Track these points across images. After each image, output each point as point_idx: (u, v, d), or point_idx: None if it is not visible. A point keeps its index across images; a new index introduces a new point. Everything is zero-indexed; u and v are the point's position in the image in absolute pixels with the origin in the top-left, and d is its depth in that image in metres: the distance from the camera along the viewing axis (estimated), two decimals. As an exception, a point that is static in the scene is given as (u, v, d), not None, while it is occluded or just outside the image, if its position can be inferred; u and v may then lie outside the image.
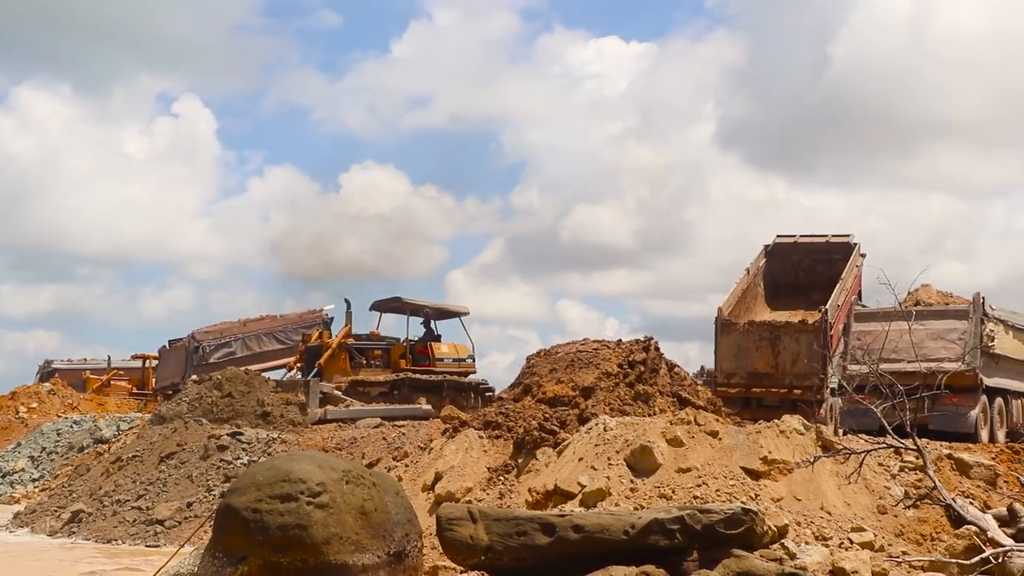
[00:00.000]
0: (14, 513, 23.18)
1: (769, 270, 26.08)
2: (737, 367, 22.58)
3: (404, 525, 14.61)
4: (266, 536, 13.58)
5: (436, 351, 30.64)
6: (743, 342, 22.55)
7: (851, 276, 24.13)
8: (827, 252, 25.70)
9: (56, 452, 31.08)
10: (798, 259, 26.26)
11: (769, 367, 22.25)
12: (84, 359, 52.15)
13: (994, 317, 22.26)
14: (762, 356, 22.32)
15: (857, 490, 15.53)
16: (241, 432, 22.16)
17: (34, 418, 37.19)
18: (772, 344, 22.24)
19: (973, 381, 21.28)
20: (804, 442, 16.44)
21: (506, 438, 17.92)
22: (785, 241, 26.57)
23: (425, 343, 30.90)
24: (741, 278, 24.60)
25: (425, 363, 30.26)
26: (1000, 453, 18.31)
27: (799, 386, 21.35)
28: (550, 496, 16.04)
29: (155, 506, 19.83)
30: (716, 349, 22.98)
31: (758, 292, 25.40)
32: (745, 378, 22.58)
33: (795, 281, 25.52)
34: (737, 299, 23.81)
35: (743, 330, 22.60)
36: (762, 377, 22.42)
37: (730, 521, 13.06)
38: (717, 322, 22.81)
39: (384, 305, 31.85)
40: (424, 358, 30.44)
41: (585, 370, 19.66)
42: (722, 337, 22.73)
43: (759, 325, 22.78)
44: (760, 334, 22.42)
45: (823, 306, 22.03)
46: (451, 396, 29.42)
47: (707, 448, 16.27)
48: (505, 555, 13.35)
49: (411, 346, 30.75)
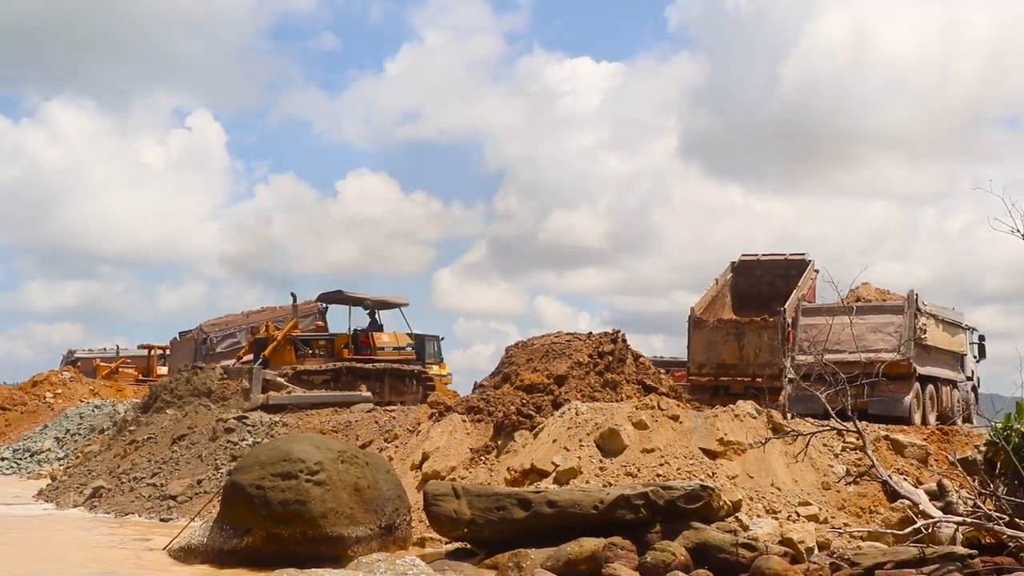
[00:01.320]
0: (39, 489, 23.05)
1: (735, 283, 26.62)
2: (707, 359, 23.34)
3: (394, 501, 14.62)
4: (269, 510, 13.57)
5: (377, 340, 29.91)
6: (712, 337, 23.29)
7: (806, 286, 24.75)
8: (786, 268, 26.19)
9: (79, 433, 30.93)
10: (760, 274, 26.77)
11: (735, 359, 23.02)
12: (104, 349, 51.86)
13: (926, 312, 22.33)
14: (729, 349, 23.09)
15: (804, 468, 15.56)
16: (246, 416, 22.07)
17: (59, 402, 37.01)
18: (738, 339, 23.00)
19: (907, 370, 21.34)
20: (756, 425, 16.48)
21: (487, 422, 17.89)
22: (749, 259, 27.15)
23: (367, 333, 30.20)
24: (711, 287, 25.30)
25: (367, 352, 29.48)
26: (931, 435, 18.34)
27: (761, 375, 21.76)
28: (527, 474, 16.03)
29: (168, 483, 19.73)
30: (688, 343, 23.73)
31: (725, 302, 25.98)
32: (714, 368, 23.35)
33: (758, 293, 25.98)
34: (707, 304, 24.51)
35: (712, 327, 23.38)
36: (729, 368, 23.19)
37: (690, 497, 13.10)
38: (690, 320, 23.58)
39: (328, 298, 31.54)
40: (366, 348, 29.69)
41: (559, 360, 19.63)
42: (694, 333, 23.47)
43: (726, 322, 23.60)
44: (727, 330, 23.25)
45: (782, 307, 22.61)
46: (391, 383, 28.93)
47: (669, 431, 16.29)
48: (486, 528, 13.35)
49: (354, 336, 30.02)
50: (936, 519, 12.63)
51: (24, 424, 35.05)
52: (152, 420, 23.87)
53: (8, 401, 37.76)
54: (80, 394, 38.91)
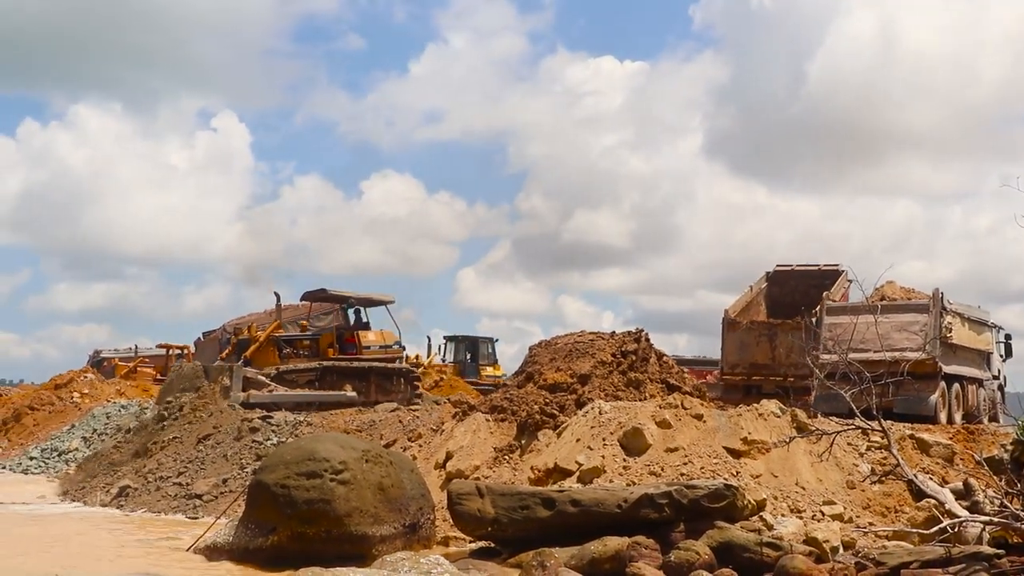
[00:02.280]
0: (64, 490, 23.15)
1: (769, 292, 27.00)
2: (740, 359, 23.81)
3: (418, 500, 14.63)
4: (294, 509, 13.62)
5: (362, 339, 29.63)
6: (745, 338, 23.78)
7: (839, 294, 24.93)
8: (820, 278, 26.42)
9: (106, 433, 31.08)
10: (795, 284, 27.05)
11: (767, 359, 23.47)
12: (128, 349, 52.09)
13: (952, 311, 22.23)
14: (761, 350, 23.56)
15: (828, 467, 15.49)
16: (271, 416, 22.15)
17: (86, 402, 37.21)
18: (770, 340, 23.47)
19: (933, 368, 21.25)
20: (780, 424, 16.42)
21: (510, 421, 17.89)
22: (784, 269, 27.63)
23: (353, 332, 29.92)
24: (745, 292, 25.70)
25: (352, 351, 29.24)
26: (957, 433, 18.25)
27: (792, 375, 21.84)
28: (550, 473, 16.02)
29: (194, 482, 19.82)
30: (722, 344, 24.14)
31: (760, 309, 26.37)
32: (747, 368, 23.80)
33: (792, 302, 26.13)
34: (741, 308, 24.90)
35: (745, 328, 23.84)
36: (761, 368, 23.64)
37: (713, 496, 13.06)
38: (724, 321, 24.01)
39: (312, 296, 31.01)
40: (351, 346, 29.48)
41: (582, 359, 19.61)
42: (728, 334, 23.91)
43: (759, 324, 24.14)
44: (760, 331, 23.76)
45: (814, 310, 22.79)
46: (377, 382, 28.48)
47: (693, 430, 16.25)
48: (510, 527, 13.36)
49: (339, 335, 29.84)
50: (962, 518, 12.56)
51: (52, 424, 35.30)
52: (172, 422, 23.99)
53: (36, 401, 38.08)
54: (107, 394, 39.17)
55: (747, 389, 23.28)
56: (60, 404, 37.63)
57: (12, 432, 36.37)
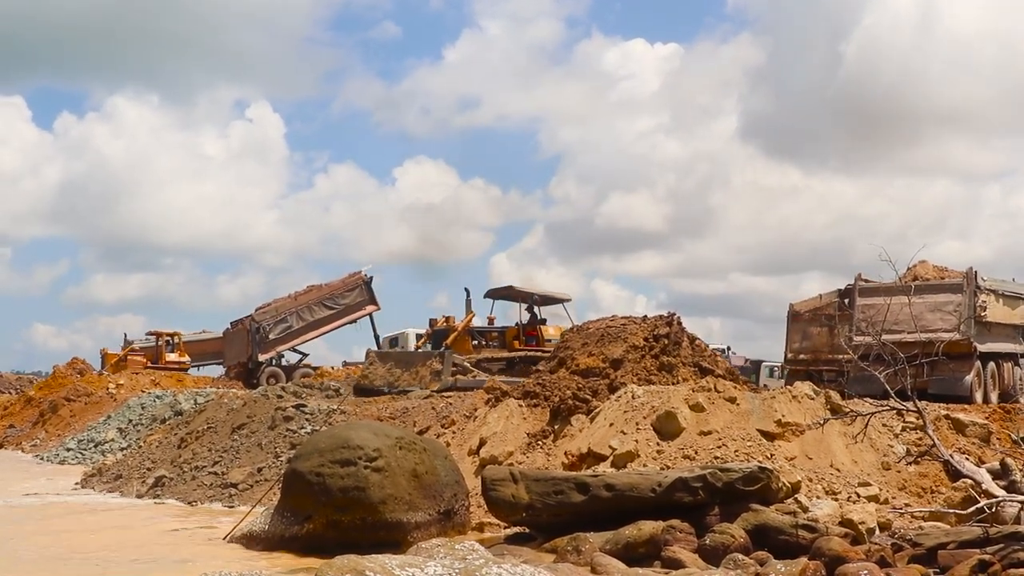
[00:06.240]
0: (101, 480, 23.31)
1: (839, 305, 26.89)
2: (802, 348, 24.56)
3: (452, 486, 14.67)
4: (329, 497, 13.68)
5: (544, 333, 32.29)
6: (807, 328, 24.54)
7: None
8: None
9: (141, 423, 31.37)
10: None
11: (826, 347, 23.98)
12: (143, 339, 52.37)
13: (986, 288, 22.08)
14: (822, 339, 24.17)
15: (863, 448, 15.43)
16: (304, 404, 22.27)
17: (122, 393, 37.63)
18: (829, 329, 24.04)
19: (968, 348, 21.15)
20: (814, 406, 16.36)
21: (543, 406, 17.90)
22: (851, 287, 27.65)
23: (533, 326, 32.52)
24: (814, 297, 25.87)
25: (534, 344, 31.73)
26: (993, 413, 18.14)
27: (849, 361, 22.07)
28: (584, 458, 16.02)
29: (229, 471, 19.95)
30: (787, 334, 24.92)
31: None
32: (809, 356, 24.41)
33: None
34: (808, 308, 25.44)
35: (807, 318, 24.56)
36: (821, 354, 24.24)
37: (748, 479, 13.02)
38: (789, 313, 24.89)
39: (497, 293, 33.51)
40: (532, 339, 32.13)
41: (614, 344, 19.58)
42: (792, 324, 24.72)
43: (819, 314, 24.73)
44: (821, 321, 24.42)
45: None
46: None
47: (726, 413, 16.20)
48: (544, 512, 13.37)
49: (521, 329, 32.59)
50: (1000, 498, 12.48)
51: (88, 415, 35.70)
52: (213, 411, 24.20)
53: (72, 392, 38.52)
54: (142, 384, 39.56)
55: (808, 376, 23.43)
56: (96, 395, 38.08)
57: (49, 424, 36.87)
